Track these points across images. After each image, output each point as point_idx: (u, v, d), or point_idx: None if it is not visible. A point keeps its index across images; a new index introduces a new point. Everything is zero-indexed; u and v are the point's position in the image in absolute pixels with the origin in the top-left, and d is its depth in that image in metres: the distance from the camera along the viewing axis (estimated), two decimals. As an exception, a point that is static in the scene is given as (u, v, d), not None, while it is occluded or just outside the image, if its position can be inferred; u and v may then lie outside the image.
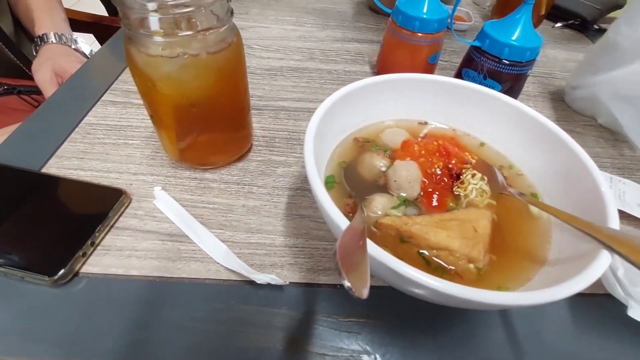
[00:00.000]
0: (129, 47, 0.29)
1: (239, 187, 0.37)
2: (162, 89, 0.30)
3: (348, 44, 0.62)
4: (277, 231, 0.33)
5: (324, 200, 0.22)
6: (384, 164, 0.32)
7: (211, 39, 0.29)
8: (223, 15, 0.29)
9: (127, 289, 0.29)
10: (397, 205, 0.28)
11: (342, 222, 0.21)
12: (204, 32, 0.28)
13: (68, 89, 0.47)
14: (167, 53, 0.28)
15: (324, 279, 0.30)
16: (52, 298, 0.28)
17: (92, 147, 0.39)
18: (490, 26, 0.45)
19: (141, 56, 0.28)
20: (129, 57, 0.29)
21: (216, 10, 0.28)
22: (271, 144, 0.42)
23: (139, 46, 0.28)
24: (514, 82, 0.46)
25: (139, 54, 0.28)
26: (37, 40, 0.63)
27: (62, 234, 0.30)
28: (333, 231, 0.24)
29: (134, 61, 0.29)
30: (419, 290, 0.20)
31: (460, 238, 0.25)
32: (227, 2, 0.29)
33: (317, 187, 0.23)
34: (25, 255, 0.29)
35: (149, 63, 0.29)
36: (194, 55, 0.28)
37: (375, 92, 0.34)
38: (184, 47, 0.28)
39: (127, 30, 0.28)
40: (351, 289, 0.14)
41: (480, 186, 0.30)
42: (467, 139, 0.36)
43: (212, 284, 0.29)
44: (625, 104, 0.46)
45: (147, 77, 0.29)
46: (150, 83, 0.29)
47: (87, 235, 0.30)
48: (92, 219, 0.31)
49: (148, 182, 0.36)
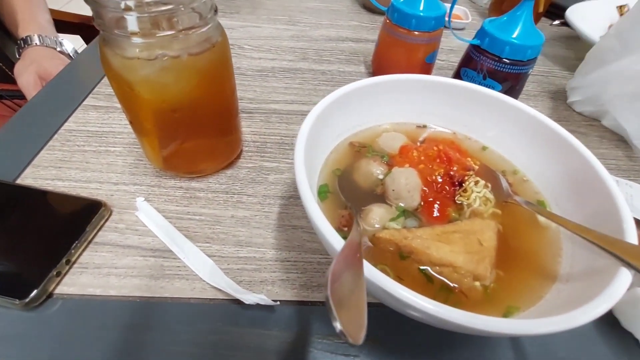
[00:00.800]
0: (104, 49, 0.27)
1: (227, 197, 0.35)
2: (141, 94, 0.27)
3: (342, 43, 0.60)
4: (267, 244, 0.31)
5: (318, 219, 0.20)
6: (381, 171, 0.30)
7: (193, 39, 0.27)
8: (206, 13, 0.27)
9: (105, 311, 0.26)
10: (396, 217, 0.26)
11: (337, 243, 0.19)
12: (186, 32, 0.26)
13: (48, 93, 0.45)
14: (145, 55, 0.26)
15: (317, 296, 0.28)
16: (24, 322, 0.26)
17: (72, 155, 0.37)
18: (489, 24, 0.43)
19: (117, 59, 0.26)
20: (104, 60, 0.27)
21: (198, 8, 0.26)
22: (262, 150, 0.40)
23: (114, 48, 0.26)
24: (514, 81, 0.44)
25: (115, 56, 0.26)
26: (21, 42, 0.60)
27: (34, 251, 0.28)
28: (328, 251, 0.22)
29: (110, 64, 0.27)
30: (420, 315, 0.18)
31: (464, 253, 0.23)
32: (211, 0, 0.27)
33: (309, 205, 0.21)
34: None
35: (126, 66, 0.26)
36: (174, 57, 0.26)
37: (371, 94, 0.32)
38: (164, 48, 0.26)
39: (102, 31, 0.26)
40: (344, 334, 0.12)
41: (484, 194, 0.28)
42: (469, 143, 0.34)
43: (198, 304, 0.27)
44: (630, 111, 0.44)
45: (125, 81, 0.27)
46: (128, 87, 0.27)
47: (62, 253, 0.28)
48: (69, 234, 0.29)
49: (130, 192, 0.34)
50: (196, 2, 0.25)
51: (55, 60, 0.60)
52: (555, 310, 0.21)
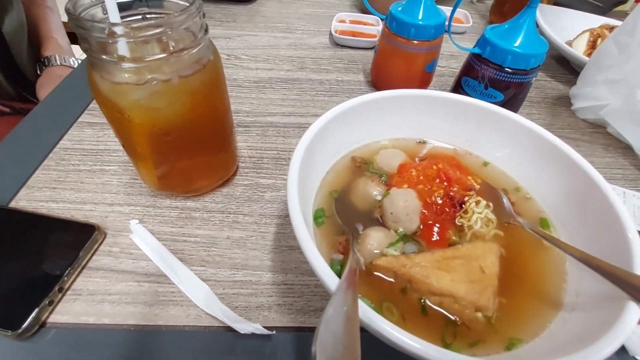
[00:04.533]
0: (92, 74, 0.26)
1: (223, 216, 0.34)
2: (132, 119, 0.27)
3: (340, 51, 0.59)
4: (264, 266, 0.30)
5: (314, 259, 0.19)
6: (379, 191, 0.29)
7: (184, 60, 0.26)
8: (197, 33, 0.26)
9: (98, 341, 0.26)
10: (395, 242, 0.26)
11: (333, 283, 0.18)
12: (176, 54, 0.25)
13: (43, 110, 0.44)
14: (135, 79, 0.25)
15: (315, 321, 0.27)
16: (17, 352, 0.25)
17: (67, 174, 0.36)
18: (491, 32, 0.42)
19: (106, 83, 0.26)
20: (92, 84, 0.26)
21: (188, 30, 0.25)
22: (258, 165, 0.39)
23: (102, 73, 0.25)
24: (517, 90, 0.43)
25: (103, 81, 0.26)
26: (45, 60, 0.66)
27: (27, 279, 0.27)
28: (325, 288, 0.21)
29: (99, 89, 0.26)
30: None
31: (466, 282, 0.23)
32: (201, 19, 0.26)
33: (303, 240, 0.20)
34: (-15, 306, 0.26)
35: (115, 91, 0.26)
36: (165, 81, 0.26)
37: (370, 110, 0.32)
38: (154, 72, 0.25)
39: (89, 56, 0.25)
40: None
41: (486, 215, 0.28)
42: (469, 158, 0.33)
43: (193, 332, 0.27)
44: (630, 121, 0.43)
45: (114, 106, 0.26)
46: (118, 112, 0.27)
47: (55, 280, 0.27)
48: (61, 261, 0.28)
49: (125, 213, 0.33)
50: (186, 24, 0.25)
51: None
52: (560, 344, 0.20)
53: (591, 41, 0.58)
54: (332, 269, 0.19)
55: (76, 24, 0.23)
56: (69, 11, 0.24)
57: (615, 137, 0.47)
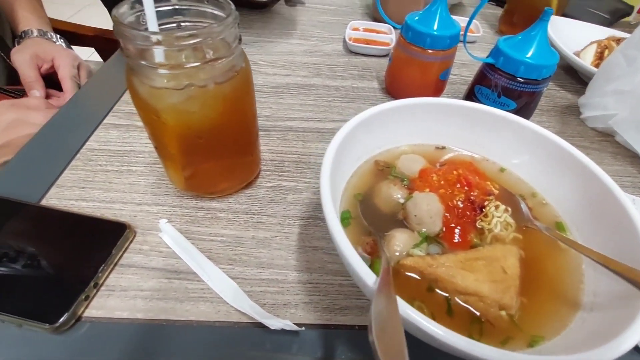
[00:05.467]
0: (132, 78, 0.27)
1: (247, 217, 0.35)
2: (168, 121, 0.28)
3: (355, 58, 0.60)
4: (289, 265, 0.32)
5: (353, 261, 0.20)
6: (401, 194, 0.30)
7: (219, 68, 0.27)
8: (232, 43, 0.27)
9: (132, 335, 0.27)
10: (419, 243, 0.27)
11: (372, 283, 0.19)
12: (212, 62, 0.26)
13: (68, 111, 0.46)
14: (173, 85, 0.26)
15: (341, 319, 0.28)
16: (53, 345, 0.26)
17: (95, 175, 0.37)
18: (504, 43, 0.43)
19: (145, 88, 0.27)
20: (131, 88, 0.28)
21: (225, 40, 0.27)
22: (280, 169, 0.40)
23: (142, 77, 0.27)
24: (529, 99, 0.44)
25: (143, 85, 0.27)
26: (22, 34, 0.61)
27: (63, 274, 0.29)
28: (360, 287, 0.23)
29: (137, 93, 0.27)
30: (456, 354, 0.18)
31: (489, 282, 0.24)
32: (236, 29, 0.28)
33: (343, 246, 0.21)
34: (23, 299, 0.27)
35: (154, 95, 0.27)
36: (201, 87, 0.27)
37: (392, 116, 0.33)
38: (191, 78, 0.27)
39: (129, 61, 0.27)
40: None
41: (505, 219, 0.29)
42: (486, 164, 0.34)
43: (223, 327, 0.28)
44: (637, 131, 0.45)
45: (152, 109, 0.28)
46: (155, 115, 0.28)
47: (90, 276, 0.28)
48: (95, 257, 0.29)
49: (153, 212, 0.35)
50: (224, 34, 0.26)
51: (55, 46, 0.60)
52: (580, 341, 0.21)
53: (598, 52, 0.60)
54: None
55: (121, 31, 0.25)
56: (115, 18, 0.25)
57: (623, 146, 0.48)
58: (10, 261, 0.29)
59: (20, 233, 0.31)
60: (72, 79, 0.56)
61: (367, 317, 0.15)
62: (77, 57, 0.60)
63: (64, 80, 0.56)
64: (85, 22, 0.81)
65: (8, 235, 0.31)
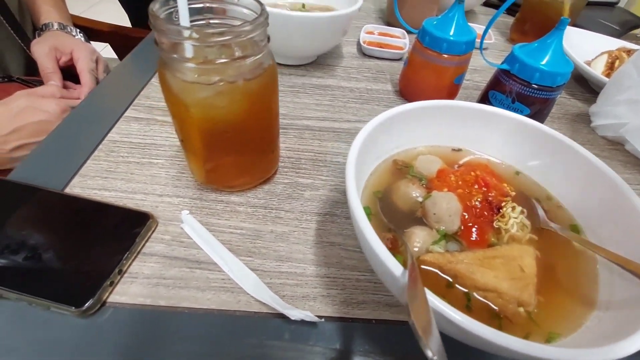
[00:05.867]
0: (164, 72, 0.28)
1: (266, 212, 0.36)
2: (196, 115, 0.29)
3: (368, 61, 0.61)
4: (307, 259, 0.32)
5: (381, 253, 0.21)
6: (420, 193, 0.31)
7: (248, 65, 0.28)
8: (261, 42, 0.28)
9: (155, 321, 0.28)
10: (437, 240, 0.27)
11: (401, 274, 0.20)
12: (242, 59, 0.27)
13: (90, 103, 0.47)
14: (204, 80, 0.27)
15: (358, 313, 0.29)
16: (78, 328, 0.27)
17: (117, 165, 0.38)
18: (520, 50, 0.44)
19: (176, 82, 0.28)
20: (163, 82, 0.29)
21: (255, 38, 0.27)
22: (297, 166, 0.41)
23: (174, 72, 0.28)
24: (542, 105, 0.45)
25: (174, 79, 0.28)
26: (43, 27, 0.62)
27: (89, 260, 0.29)
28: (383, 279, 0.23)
29: (169, 86, 0.28)
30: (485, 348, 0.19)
31: (508, 279, 0.24)
32: (266, 29, 0.28)
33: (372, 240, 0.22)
34: (51, 283, 0.28)
35: (185, 89, 0.28)
36: (230, 82, 0.28)
37: (410, 118, 0.34)
38: (221, 73, 0.27)
39: (163, 55, 0.27)
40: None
41: (521, 220, 0.29)
42: (502, 167, 0.35)
43: (243, 316, 0.28)
44: None
45: (182, 103, 0.29)
46: (184, 108, 0.29)
47: (115, 263, 0.29)
48: (120, 245, 0.30)
49: (174, 204, 0.35)
50: (254, 33, 0.27)
51: (74, 40, 0.62)
52: (596, 339, 0.22)
53: (609, 62, 0.60)
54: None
55: (157, 25, 0.25)
56: (152, 12, 0.26)
57: (633, 155, 0.49)
58: (39, 246, 0.30)
59: (49, 219, 0.32)
60: (90, 72, 0.57)
61: (402, 300, 0.16)
62: (95, 51, 0.61)
63: (82, 73, 0.57)
64: (97, 18, 0.82)
65: (37, 221, 0.32)
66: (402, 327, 0.29)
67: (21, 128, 0.46)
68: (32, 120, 0.47)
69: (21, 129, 0.46)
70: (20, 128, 0.46)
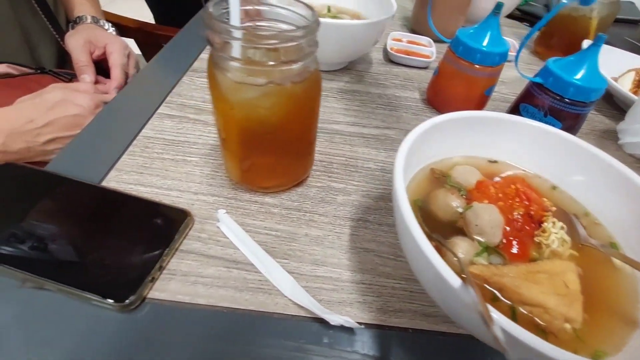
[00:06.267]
0: (215, 72, 0.28)
1: (300, 214, 0.36)
2: (243, 115, 0.29)
3: (396, 68, 0.62)
4: (342, 265, 0.32)
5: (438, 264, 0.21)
6: (459, 204, 0.31)
7: (297, 69, 0.28)
8: (311, 47, 0.28)
9: (194, 319, 0.28)
10: (480, 252, 0.27)
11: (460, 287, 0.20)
12: (292, 63, 0.28)
13: (123, 98, 0.47)
14: (253, 81, 0.28)
15: (395, 322, 0.29)
16: (116, 323, 0.27)
17: (152, 161, 0.39)
18: (554, 64, 0.44)
19: (226, 81, 0.28)
20: (212, 80, 0.29)
21: (307, 43, 0.28)
22: (329, 170, 0.41)
23: (223, 71, 0.28)
24: (574, 121, 0.45)
25: (224, 78, 0.28)
26: (77, 19, 0.63)
27: (130, 254, 0.29)
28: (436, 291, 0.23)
29: (218, 86, 0.28)
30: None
31: (554, 295, 0.24)
32: (316, 35, 0.29)
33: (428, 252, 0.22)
34: (93, 276, 0.28)
35: (234, 89, 0.28)
36: (279, 84, 0.28)
37: (448, 128, 0.33)
38: (270, 75, 0.28)
39: (215, 54, 0.28)
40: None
41: (562, 235, 0.29)
42: (538, 181, 0.35)
43: (281, 319, 0.28)
44: None
45: (228, 102, 0.29)
46: (231, 108, 0.29)
47: (156, 259, 0.29)
48: (159, 241, 0.30)
49: (209, 202, 0.36)
50: (305, 39, 0.27)
51: (108, 34, 0.63)
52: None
53: (636, 80, 0.60)
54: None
55: (212, 24, 0.26)
56: (207, 11, 0.26)
57: (662, 174, 0.49)
58: (79, 238, 0.30)
59: (90, 212, 0.32)
60: (122, 67, 0.58)
61: (453, 311, 0.16)
62: (127, 46, 0.62)
63: (113, 67, 0.57)
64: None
65: (79, 213, 0.32)
66: (439, 338, 0.29)
67: (55, 121, 0.47)
68: (67, 114, 0.47)
69: (55, 122, 0.47)
70: (54, 121, 0.47)
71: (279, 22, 0.31)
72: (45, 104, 0.47)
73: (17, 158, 0.46)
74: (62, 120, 0.47)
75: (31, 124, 0.45)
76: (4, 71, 0.52)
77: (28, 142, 0.45)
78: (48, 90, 0.49)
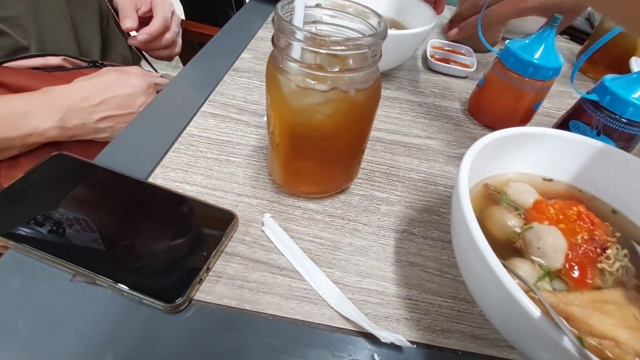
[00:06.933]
0: (275, 74, 0.28)
1: (343, 222, 0.35)
2: (303, 120, 0.29)
3: (434, 76, 0.60)
4: (387, 278, 0.31)
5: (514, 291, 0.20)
6: (516, 223, 0.30)
7: (362, 76, 0.28)
8: (376, 55, 0.28)
9: (240, 324, 0.27)
10: (542, 276, 0.26)
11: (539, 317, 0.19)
12: (358, 71, 0.27)
13: (166, 96, 0.47)
14: (318, 87, 0.27)
15: (444, 342, 0.28)
16: (164, 324, 0.27)
17: (196, 160, 0.38)
18: (611, 82, 0.42)
19: (290, 86, 0.28)
20: (273, 85, 0.28)
21: (370, 52, 0.27)
22: (371, 178, 0.40)
23: (287, 74, 0.27)
24: (628, 142, 0.43)
25: (288, 83, 0.28)
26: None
27: (179, 255, 0.29)
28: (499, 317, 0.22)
29: (281, 90, 0.28)
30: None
31: (626, 328, 0.23)
32: (380, 45, 0.28)
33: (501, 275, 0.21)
34: (143, 274, 0.28)
35: (297, 93, 0.28)
36: (343, 92, 0.27)
37: (506, 143, 0.32)
38: (334, 82, 0.27)
39: (278, 56, 0.27)
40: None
41: (626, 263, 0.28)
42: (596, 203, 0.34)
43: (327, 331, 0.28)
44: None
45: (289, 107, 0.28)
46: (291, 112, 0.28)
47: (204, 260, 0.29)
48: (207, 242, 0.30)
49: (253, 205, 0.35)
50: (371, 48, 0.26)
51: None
52: None
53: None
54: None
55: (281, 25, 0.25)
56: (277, 11, 0.26)
57: None
58: (130, 235, 0.30)
59: (141, 209, 0.32)
60: (164, 18, 0.61)
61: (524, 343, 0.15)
62: (172, 4, 0.65)
63: (157, 16, 0.61)
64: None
65: (130, 210, 0.32)
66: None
67: (109, 100, 0.49)
68: (120, 92, 0.50)
69: (109, 101, 0.49)
70: (109, 100, 0.49)
71: (334, 26, 0.30)
72: (101, 84, 0.49)
73: (71, 135, 0.47)
74: (115, 99, 0.49)
75: (87, 101, 0.47)
76: (59, 64, 0.54)
77: (83, 119, 0.47)
78: (103, 73, 0.51)
